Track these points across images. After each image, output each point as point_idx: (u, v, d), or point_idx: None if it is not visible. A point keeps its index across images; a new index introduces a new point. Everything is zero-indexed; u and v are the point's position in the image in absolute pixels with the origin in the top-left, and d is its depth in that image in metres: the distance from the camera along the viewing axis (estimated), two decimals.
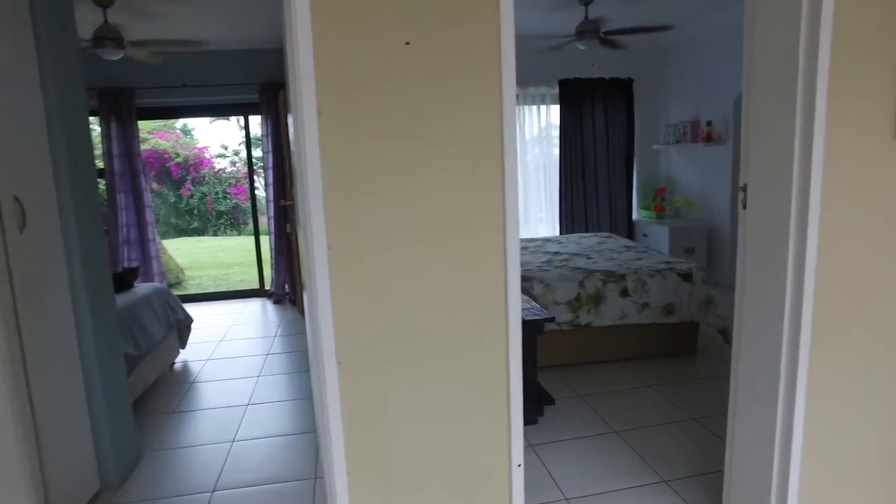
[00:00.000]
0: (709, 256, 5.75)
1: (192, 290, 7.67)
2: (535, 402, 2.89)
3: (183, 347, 4.10)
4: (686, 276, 3.63)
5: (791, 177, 1.55)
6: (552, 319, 2.80)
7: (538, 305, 3.01)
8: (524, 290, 3.45)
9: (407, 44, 1.40)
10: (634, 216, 6.45)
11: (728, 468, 1.99)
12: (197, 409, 3.32)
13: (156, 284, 3.95)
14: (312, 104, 1.36)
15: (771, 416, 1.72)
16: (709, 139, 5.45)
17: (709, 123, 5.47)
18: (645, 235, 6.12)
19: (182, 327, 4.02)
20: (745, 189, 1.74)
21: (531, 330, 2.81)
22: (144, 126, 10.28)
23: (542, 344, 3.43)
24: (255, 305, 5.92)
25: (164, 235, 10.93)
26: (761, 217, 1.68)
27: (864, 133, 1.57)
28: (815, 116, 1.48)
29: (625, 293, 3.54)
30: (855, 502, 1.84)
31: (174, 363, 4.07)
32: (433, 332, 1.54)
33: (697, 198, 5.86)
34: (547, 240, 4.98)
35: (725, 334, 3.65)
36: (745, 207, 1.75)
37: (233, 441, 2.90)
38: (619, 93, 6.22)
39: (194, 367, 4.06)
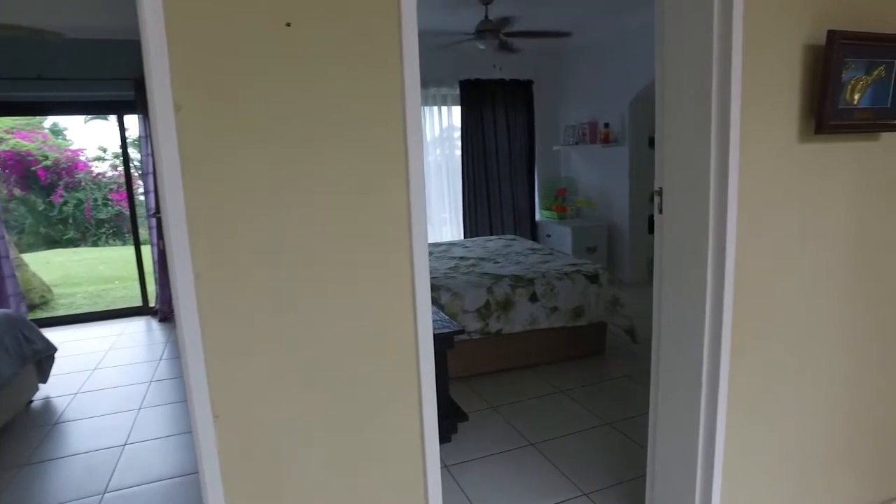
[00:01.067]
0: (609, 255, 5.91)
1: (61, 311, 6.81)
2: (448, 420, 2.73)
3: (44, 382, 3.54)
4: (593, 278, 3.63)
5: (708, 180, 1.48)
6: (462, 331, 2.65)
7: (447, 317, 2.85)
8: (431, 300, 3.28)
9: (288, 25, 1.17)
10: (537, 217, 6.51)
11: (650, 474, 1.94)
12: (59, 457, 2.84)
13: (5, 311, 3.37)
14: (167, 97, 1.09)
15: (693, 419, 1.66)
16: (606, 140, 5.59)
17: (606, 125, 5.61)
18: (548, 236, 6.19)
19: (42, 358, 3.46)
20: (660, 193, 1.67)
21: (441, 344, 2.64)
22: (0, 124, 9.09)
23: (452, 355, 3.28)
24: (137, 325, 5.32)
25: (31, 248, 9.71)
26: (678, 221, 1.62)
27: (773, 137, 1.54)
28: (730, 120, 1.42)
29: (534, 298, 3.47)
30: (777, 498, 1.83)
31: (32, 401, 3.50)
32: (334, 371, 1.32)
33: (597, 197, 6.01)
34: (452, 244, 4.86)
35: (632, 334, 3.70)
36: (661, 211, 1.68)
37: (104, 493, 2.49)
38: (519, 94, 6.25)
39: (59, 403, 3.51)
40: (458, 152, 6.20)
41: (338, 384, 1.33)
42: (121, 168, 10.50)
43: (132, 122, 6.19)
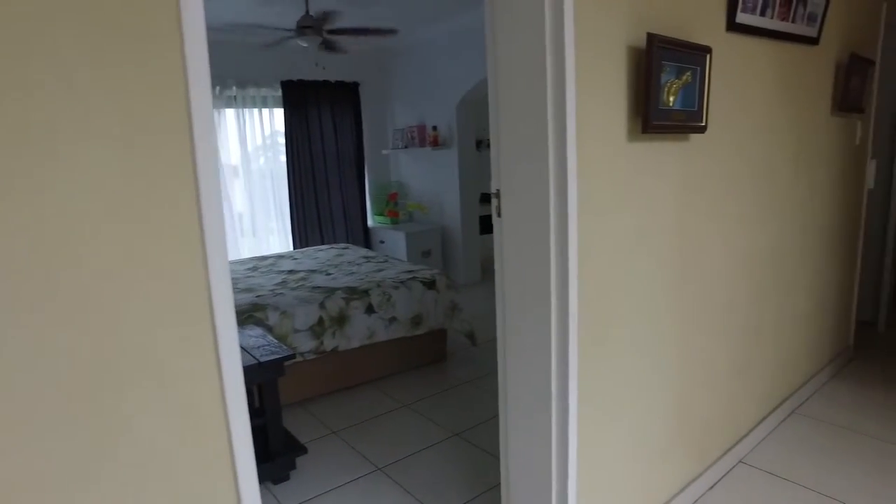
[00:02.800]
0: (444, 258, 5.94)
1: None
2: (285, 456, 2.42)
3: None
4: (430, 284, 3.54)
5: (547, 181, 1.41)
6: (293, 355, 2.36)
7: (275, 340, 2.53)
8: (257, 322, 2.93)
9: None
10: (370, 223, 6.34)
11: (505, 482, 1.85)
12: None
13: None
14: None
15: (545, 424, 1.60)
16: (435, 143, 5.60)
17: (434, 128, 5.62)
18: (382, 242, 6.05)
19: None
20: (498, 195, 1.58)
21: (270, 372, 2.34)
22: None
23: (284, 380, 2.96)
24: None
25: None
26: (518, 223, 1.54)
27: (607, 137, 1.53)
28: (566, 120, 1.37)
29: (370, 310, 3.28)
30: (628, 484, 1.85)
31: None
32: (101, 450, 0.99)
33: (429, 201, 6.00)
34: (280, 256, 4.47)
35: (472, 337, 3.68)
36: (499, 215, 1.59)
37: None
38: (345, 96, 6.01)
39: None
40: (284, 157, 5.78)
41: (101, 444, 1.00)
42: None
43: None
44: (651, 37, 1.51)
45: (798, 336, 2.82)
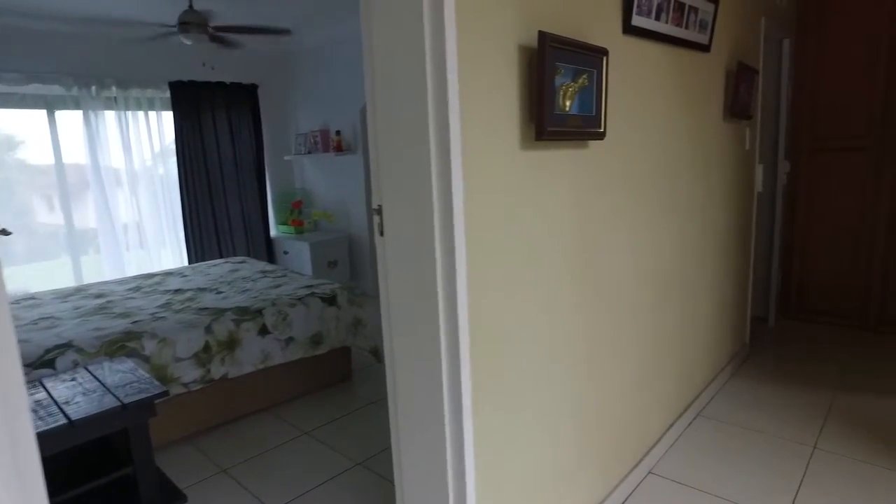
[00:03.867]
0: (352, 268, 5.69)
1: None
2: None
3: None
4: (330, 300, 3.31)
5: (431, 196, 1.25)
6: (164, 394, 2.06)
7: (146, 375, 2.22)
8: (131, 353, 2.58)
9: None
10: (273, 233, 5.97)
11: None
12: None
13: None
14: None
15: (440, 453, 1.43)
16: (339, 149, 5.35)
17: (338, 133, 5.37)
18: (286, 253, 5.71)
19: None
20: (380, 211, 1.40)
21: (138, 415, 2.03)
22: None
23: (167, 415, 2.63)
24: None
25: None
26: (402, 242, 1.37)
27: (497, 146, 1.39)
28: (449, 127, 1.21)
29: (264, 331, 3.00)
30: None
31: None
32: None
33: (335, 209, 5.73)
34: (168, 274, 4.06)
35: (377, 354, 3.48)
36: (381, 234, 1.41)
37: None
38: (243, 99, 5.63)
39: None
40: (175, 164, 5.31)
41: None
42: None
43: None
44: (543, 35, 1.39)
45: (701, 339, 2.85)
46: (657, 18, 2.00)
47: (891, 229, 3.75)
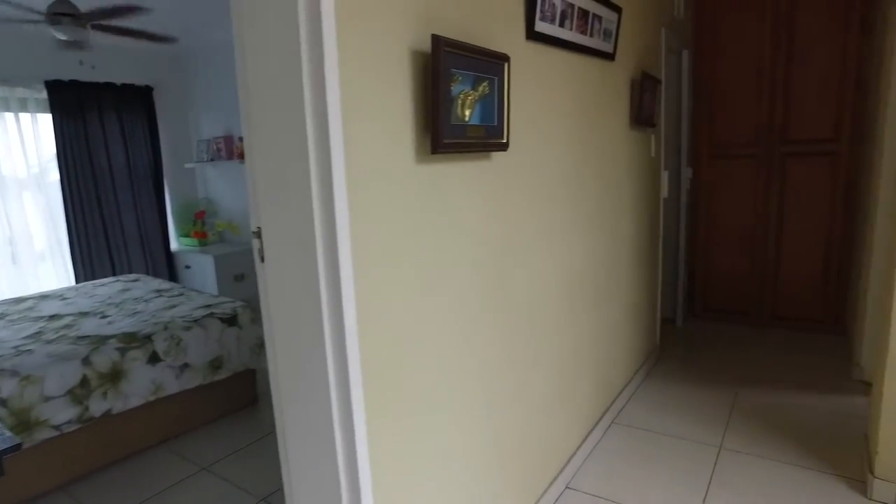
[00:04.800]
0: None
1: None
2: None
3: None
4: (230, 320, 3.06)
5: (312, 218, 1.11)
6: (17, 447, 1.77)
7: None
8: None
9: None
10: (173, 246, 5.55)
11: None
12: None
13: None
14: None
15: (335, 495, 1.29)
16: (244, 156, 5.03)
17: (241, 139, 5.06)
18: (188, 268, 5.32)
19: None
20: (259, 235, 1.24)
21: None
22: None
23: (32, 464, 2.31)
24: None
25: None
26: (284, 269, 1.21)
27: (388, 161, 1.26)
28: (330, 142, 1.07)
29: (155, 358, 2.72)
30: None
31: None
32: None
33: (241, 219, 5.40)
34: (44, 297, 3.63)
35: None
36: (262, 259, 1.25)
37: None
38: (135, 102, 5.19)
39: None
40: (57, 172, 4.80)
41: None
42: None
43: None
44: (437, 40, 1.28)
45: (615, 345, 2.85)
46: (561, 25, 1.95)
47: (779, 232, 3.97)
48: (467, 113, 1.44)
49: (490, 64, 1.49)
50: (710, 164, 4.14)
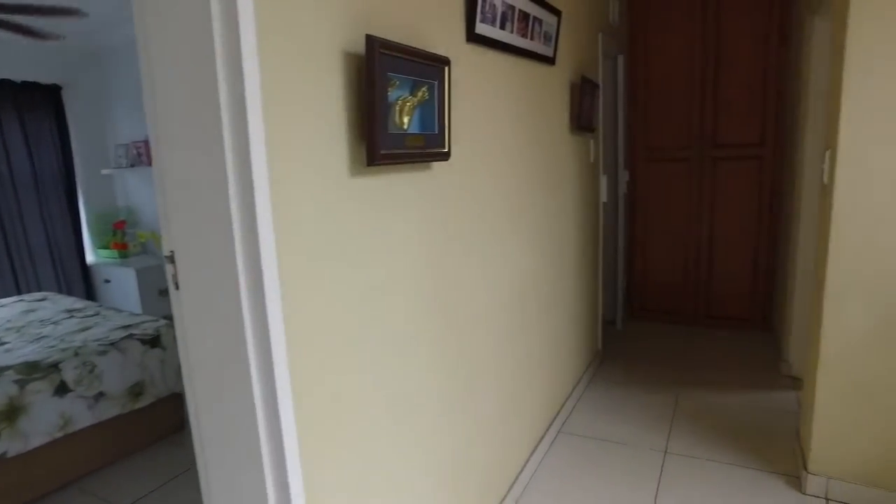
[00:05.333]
0: None
1: None
2: None
3: None
4: (153, 341, 2.81)
5: (233, 243, 0.97)
6: None
7: None
8: None
9: None
10: (90, 259, 5.13)
11: None
12: None
13: None
14: None
15: None
16: None
17: None
18: (107, 282, 4.93)
19: None
20: (172, 260, 1.08)
21: None
22: None
23: None
24: None
25: None
26: (202, 300, 1.06)
27: (319, 175, 1.13)
28: (251, 157, 0.94)
29: (63, 389, 2.45)
30: None
31: None
32: None
33: None
34: None
35: None
36: (177, 287, 1.10)
37: None
38: (42, 102, 4.75)
39: None
40: None
41: None
42: None
43: None
44: (372, 41, 1.16)
45: (560, 353, 2.81)
46: (502, 27, 1.87)
47: (711, 234, 4.08)
48: (406, 120, 1.33)
49: (429, 67, 1.39)
50: (645, 167, 4.21)
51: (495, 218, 1.98)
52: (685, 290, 4.24)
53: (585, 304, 3.29)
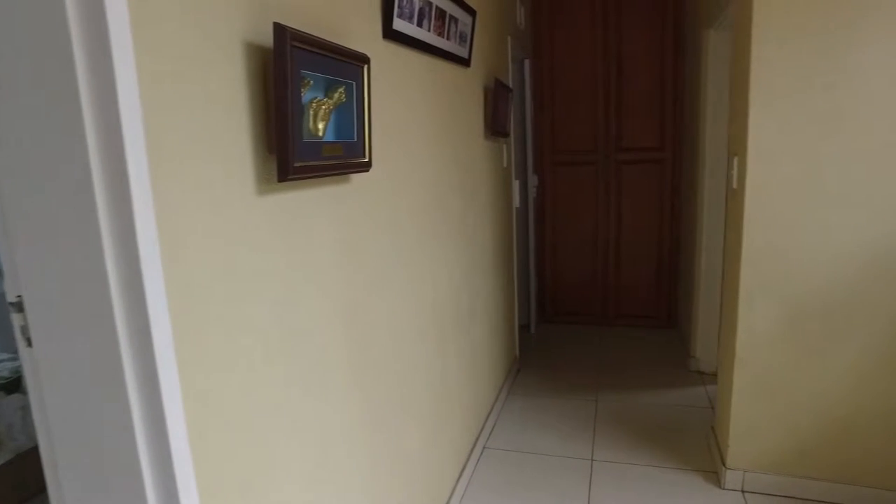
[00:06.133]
0: None
1: None
2: None
3: None
4: (11, 385, 2.37)
5: (107, 285, 0.74)
6: None
7: None
8: None
9: None
10: None
11: None
12: None
13: None
14: None
15: None
16: None
17: None
18: None
19: None
20: (20, 307, 0.83)
21: None
22: None
23: None
24: None
25: None
26: (65, 359, 0.81)
27: (218, 195, 0.92)
28: (128, 178, 0.72)
29: None
30: None
31: None
32: None
33: None
34: None
35: None
36: (29, 344, 0.84)
37: None
38: None
39: None
40: None
41: None
42: None
43: None
44: (281, 31, 0.96)
45: (481, 367, 2.71)
46: (420, 24, 1.72)
47: (618, 236, 4.19)
48: (321, 126, 1.14)
49: (346, 65, 1.21)
50: (554, 171, 4.24)
51: (416, 232, 1.83)
52: (595, 292, 4.32)
53: (503, 312, 3.22)
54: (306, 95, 1.08)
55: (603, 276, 4.28)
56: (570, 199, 4.24)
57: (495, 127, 2.74)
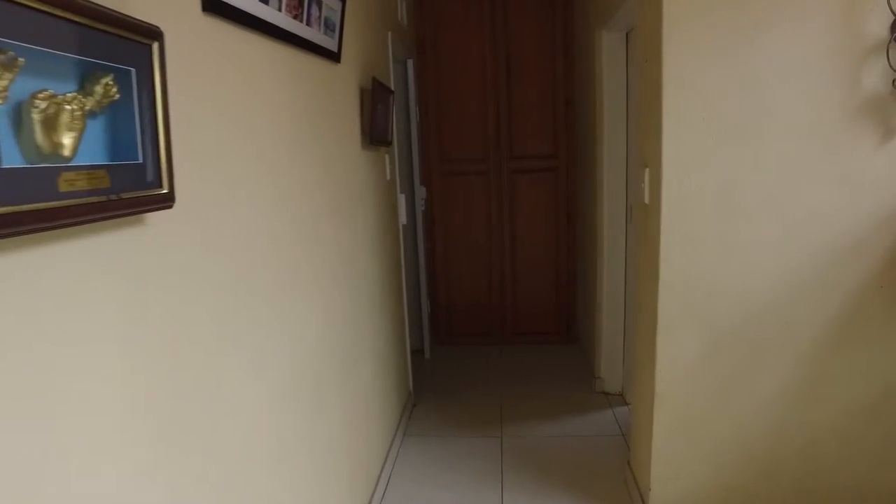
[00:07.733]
0: None
1: None
2: None
3: None
4: None
5: None
6: None
7: None
8: None
9: None
10: None
11: None
12: None
13: None
14: None
15: None
16: None
17: None
18: None
19: None
20: None
21: None
22: None
23: None
24: None
25: None
26: None
27: None
28: None
29: None
30: None
31: None
32: None
33: None
34: None
35: None
36: None
37: None
38: None
39: None
40: None
41: None
42: None
43: None
44: None
45: (370, 415, 2.27)
46: (265, 1, 1.27)
47: (513, 249, 3.93)
48: (67, 141, 0.66)
49: (115, 41, 0.73)
50: (442, 182, 3.90)
51: (270, 277, 1.36)
52: (491, 309, 4.03)
53: (393, 345, 2.81)
54: (23, 86, 0.60)
55: (499, 292, 4.00)
56: (462, 212, 3.92)
57: (375, 134, 2.32)
